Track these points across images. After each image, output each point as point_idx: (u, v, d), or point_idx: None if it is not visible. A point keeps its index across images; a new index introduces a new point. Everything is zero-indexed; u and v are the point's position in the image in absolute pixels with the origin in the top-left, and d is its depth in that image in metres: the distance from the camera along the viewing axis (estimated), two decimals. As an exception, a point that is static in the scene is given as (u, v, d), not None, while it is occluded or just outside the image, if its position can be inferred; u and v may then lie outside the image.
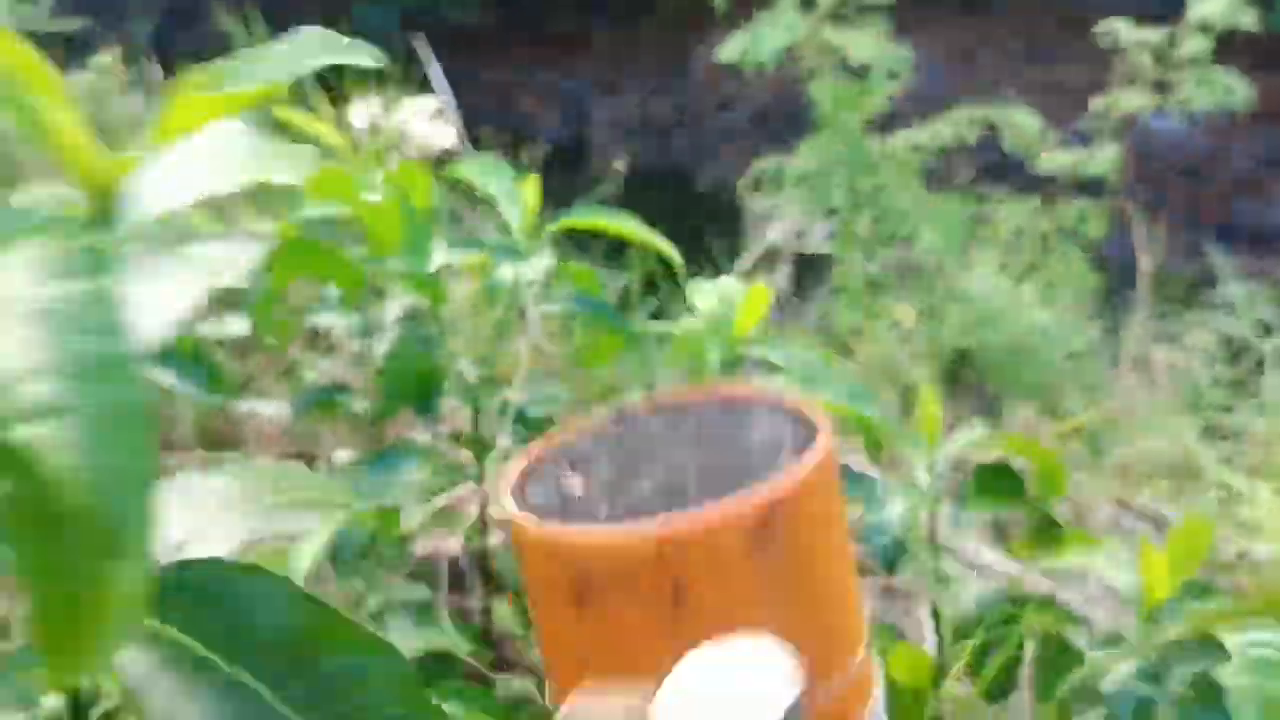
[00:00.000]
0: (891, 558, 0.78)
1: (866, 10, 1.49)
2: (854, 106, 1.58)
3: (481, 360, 0.95)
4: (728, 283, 1.12)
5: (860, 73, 1.57)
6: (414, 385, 0.82)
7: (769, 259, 2.30)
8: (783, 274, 2.36)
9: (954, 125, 1.57)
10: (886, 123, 1.69)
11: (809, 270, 2.51)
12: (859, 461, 1.37)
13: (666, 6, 5.63)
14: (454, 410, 1.01)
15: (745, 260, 2.16)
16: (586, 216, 0.80)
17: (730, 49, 1.55)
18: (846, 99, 1.57)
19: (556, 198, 0.87)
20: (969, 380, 1.97)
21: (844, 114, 1.59)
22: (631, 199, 0.58)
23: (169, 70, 2.79)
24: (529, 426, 1.10)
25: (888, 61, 1.47)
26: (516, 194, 1.01)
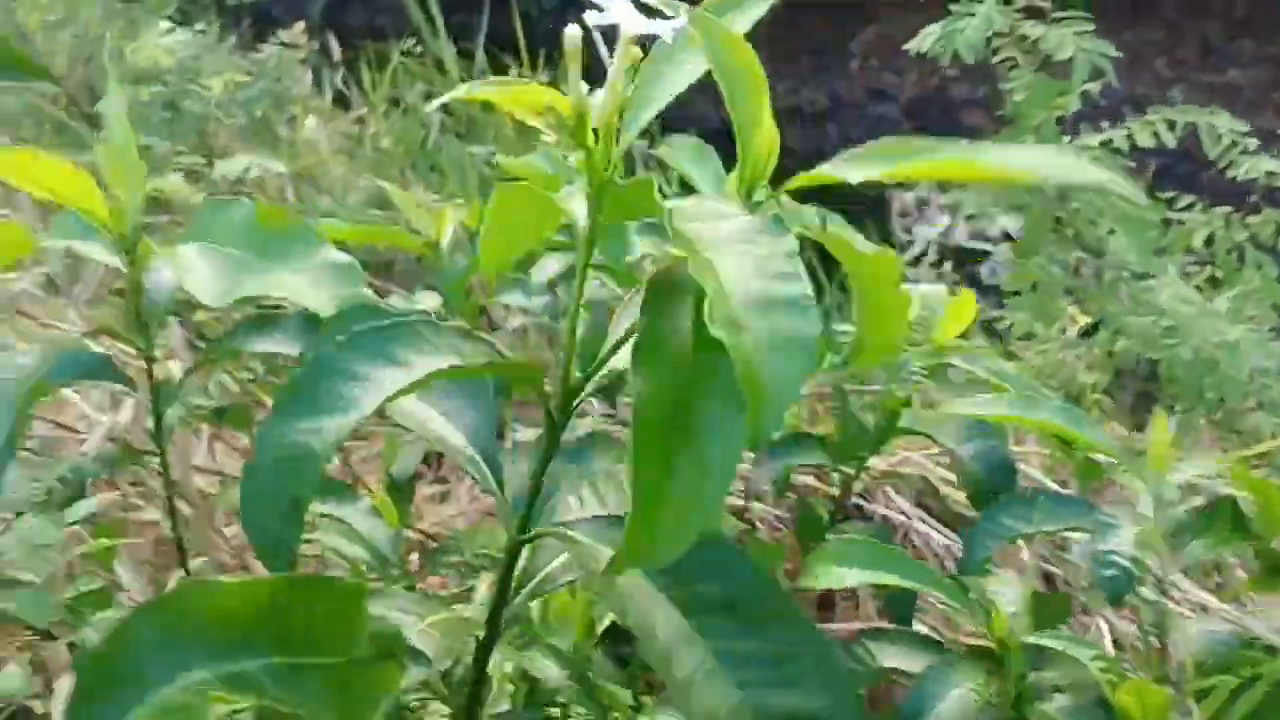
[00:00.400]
0: (1120, 590, 0.74)
1: (1067, 5, 1.43)
2: (1048, 103, 1.52)
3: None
4: (930, 289, 1.09)
5: (1054, 68, 1.51)
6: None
7: (930, 256, 2.24)
8: (945, 273, 2.30)
9: (1148, 126, 1.49)
10: (1069, 123, 1.63)
11: (967, 268, 2.44)
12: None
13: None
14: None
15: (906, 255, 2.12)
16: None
17: (924, 40, 1.51)
18: (1042, 95, 1.51)
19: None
20: (1147, 394, 1.89)
21: (1036, 110, 1.53)
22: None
23: (343, 44, 2.86)
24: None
25: (1090, 58, 1.40)
26: (721, 181, 1.00)
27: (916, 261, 2.22)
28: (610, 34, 0.46)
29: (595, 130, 0.47)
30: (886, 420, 0.95)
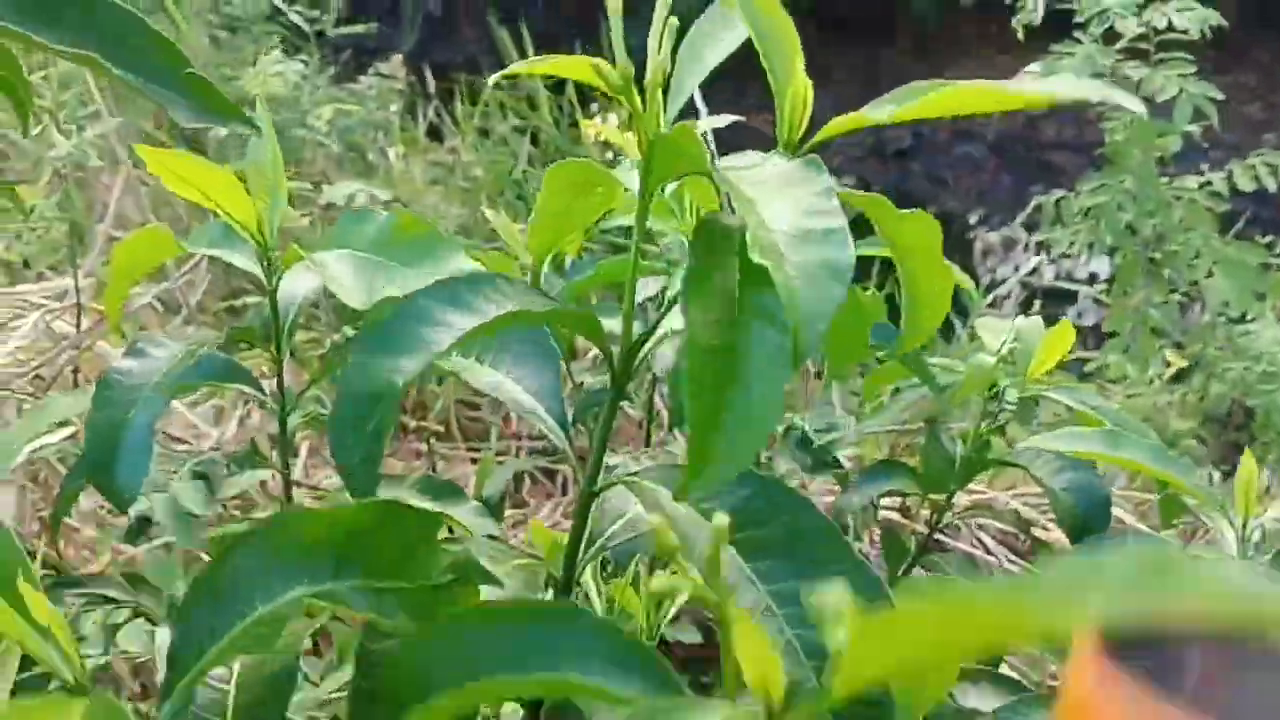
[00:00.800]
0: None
1: (1170, 46, 1.43)
2: (1147, 144, 1.51)
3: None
4: (1027, 321, 1.08)
5: (1155, 109, 1.50)
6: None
7: (1017, 297, 2.22)
8: (1032, 314, 2.26)
9: (1249, 170, 1.47)
10: (1169, 163, 1.61)
11: (1054, 310, 2.41)
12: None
13: (907, 36, 5.57)
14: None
15: (994, 292, 2.11)
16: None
17: (1022, 80, 1.51)
18: (1142, 136, 1.50)
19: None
20: (1238, 444, 1.85)
21: (1136, 150, 1.52)
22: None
23: (438, 77, 2.93)
24: (812, 454, 1.09)
25: (1193, 100, 1.39)
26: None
27: (1002, 302, 2.20)
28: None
29: (644, 90, 0.51)
30: (976, 451, 0.94)
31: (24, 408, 0.92)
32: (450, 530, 0.71)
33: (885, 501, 1.20)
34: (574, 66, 0.54)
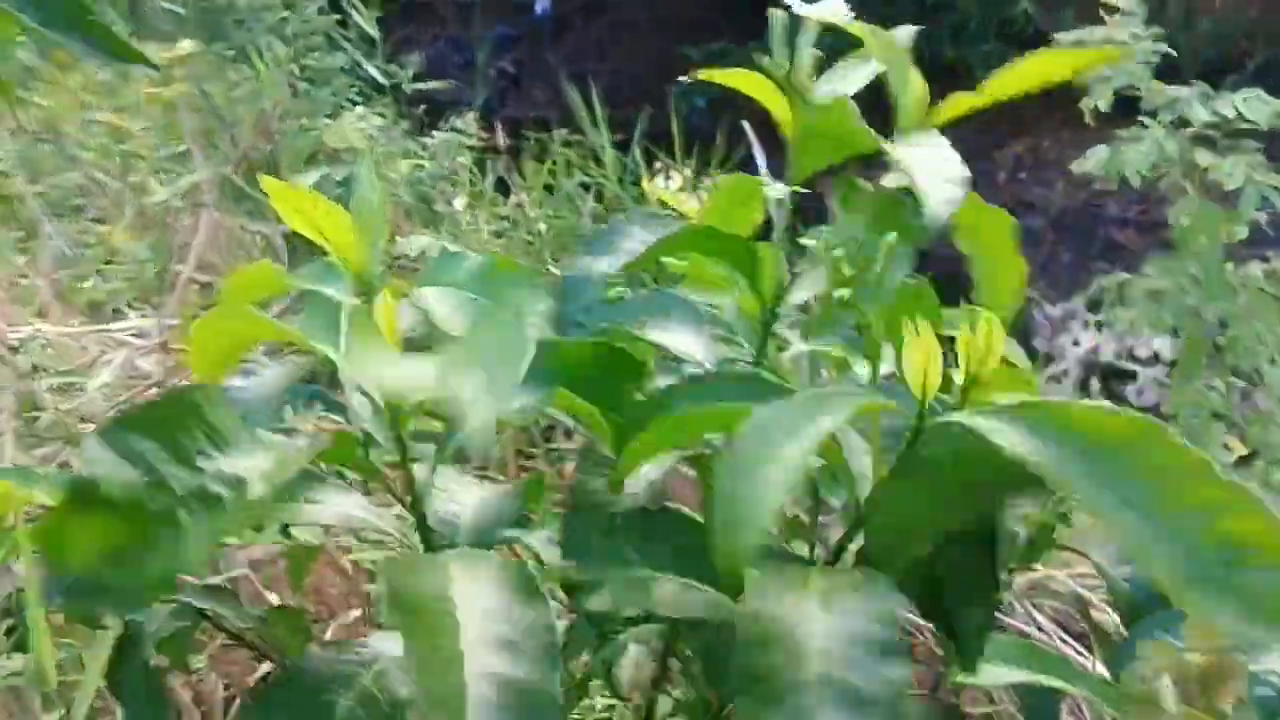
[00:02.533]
0: (1274, 710, 0.73)
1: (1239, 134, 1.43)
2: (1213, 229, 1.51)
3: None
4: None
5: (1220, 193, 1.51)
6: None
7: (1075, 373, 2.21)
8: (1092, 392, 2.26)
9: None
10: (1236, 249, 1.62)
11: (1114, 388, 2.40)
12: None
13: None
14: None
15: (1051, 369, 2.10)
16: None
17: (1090, 161, 1.52)
18: (1208, 222, 1.51)
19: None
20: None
21: (1202, 236, 1.53)
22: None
23: (508, 133, 2.99)
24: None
25: (1260, 189, 1.40)
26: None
27: (1061, 378, 2.19)
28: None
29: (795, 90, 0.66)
30: (1038, 533, 0.94)
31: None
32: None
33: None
34: (743, 77, 0.69)
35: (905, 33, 0.69)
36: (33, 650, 0.71)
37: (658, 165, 3.37)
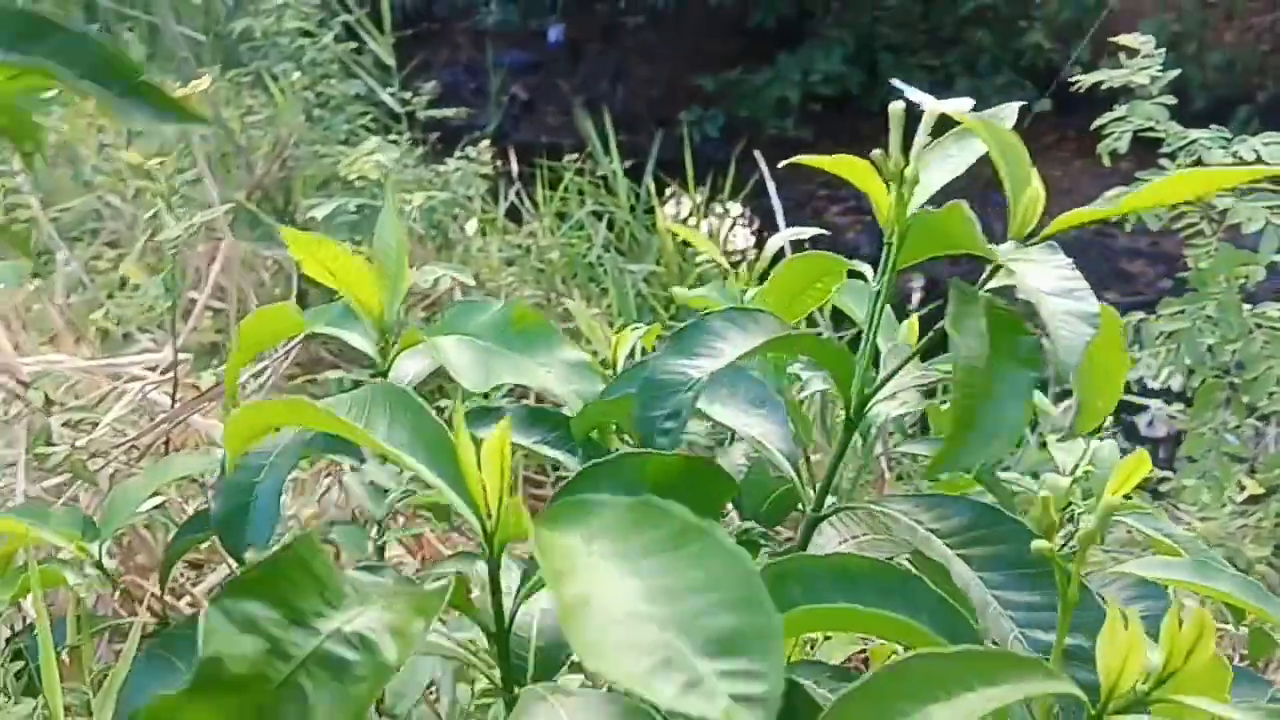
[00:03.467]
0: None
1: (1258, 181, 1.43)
2: (1231, 271, 1.51)
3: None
4: (1102, 445, 1.08)
5: (1241, 239, 1.50)
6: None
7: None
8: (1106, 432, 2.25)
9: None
10: (1257, 291, 1.61)
11: (1124, 417, 2.38)
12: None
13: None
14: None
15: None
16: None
17: (1101, 204, 1.52)
18: (1226, 263, 1.50)
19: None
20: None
21: (1220, 277, 1.52)
22: (930, 321, 0.73)
23: (521, 160, 3.00)
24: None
25: (1279, 231, 1.39)
26: (894, 326, 1.02)
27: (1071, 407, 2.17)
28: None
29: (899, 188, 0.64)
30: (1050, 576, 0.94)
31: (115, 478, 0.95)
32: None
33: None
34: (851, 166, 0.66)
35: (1011, 110, 0.68)
36: (42, 694, 0.71)
37: (670, 191, 3.38)
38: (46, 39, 0.50)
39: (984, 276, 0.64)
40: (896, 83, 0.66)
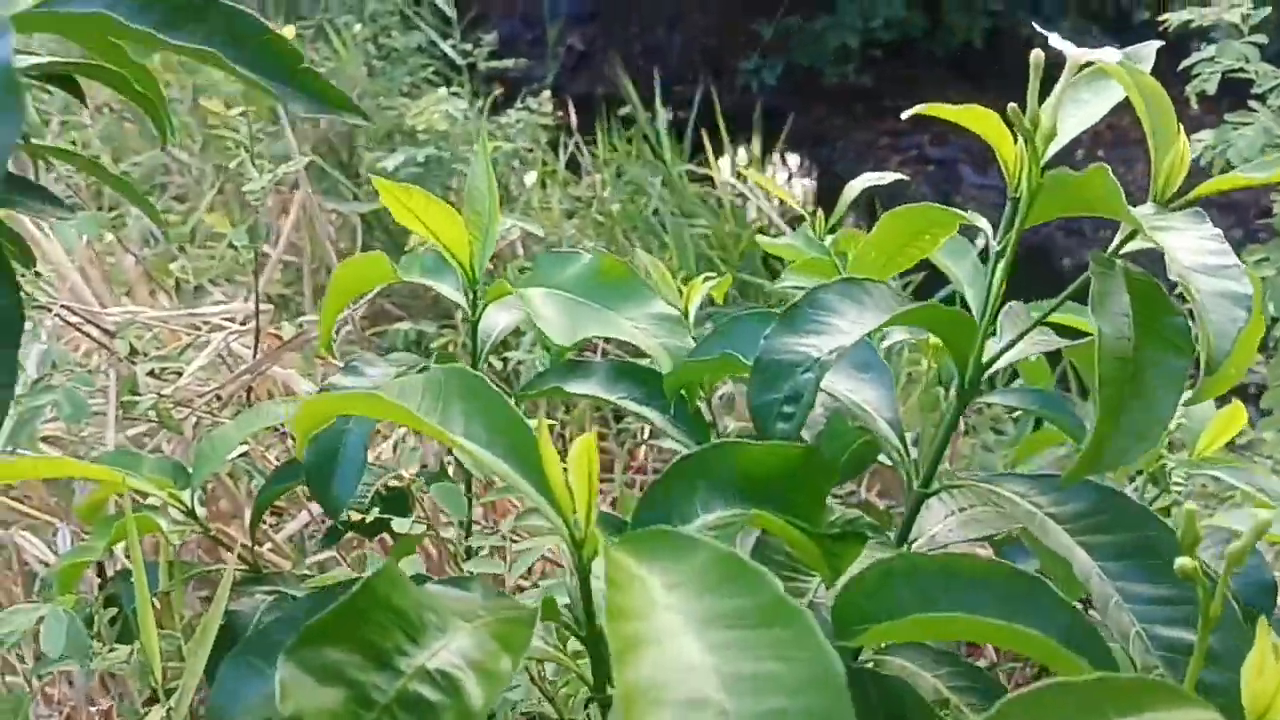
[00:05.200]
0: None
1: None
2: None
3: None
4: (1199, 405, 1.05)
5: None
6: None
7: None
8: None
9: None
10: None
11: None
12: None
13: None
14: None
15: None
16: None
17: (1192, 146, 1.47)
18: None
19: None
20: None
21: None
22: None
23: (579, 110, 2.98)
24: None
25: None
26: (980, 277, 0.99)
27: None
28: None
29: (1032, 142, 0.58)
30: (1142, 529, 0.92)
31: (199, 428, 0.96)
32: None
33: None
34: (980, 117, 0.62)
35: (1149, 50, 0.64)
36: (138, 640, 0.72)
37: (727, 142, 3.34)
38: (205, 18, 0.49)
39: (1118, 241, 0.60)
40: (1039, 28, 0.62)
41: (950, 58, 5.80)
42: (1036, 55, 0.58)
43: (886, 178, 1.13)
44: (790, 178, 5.01)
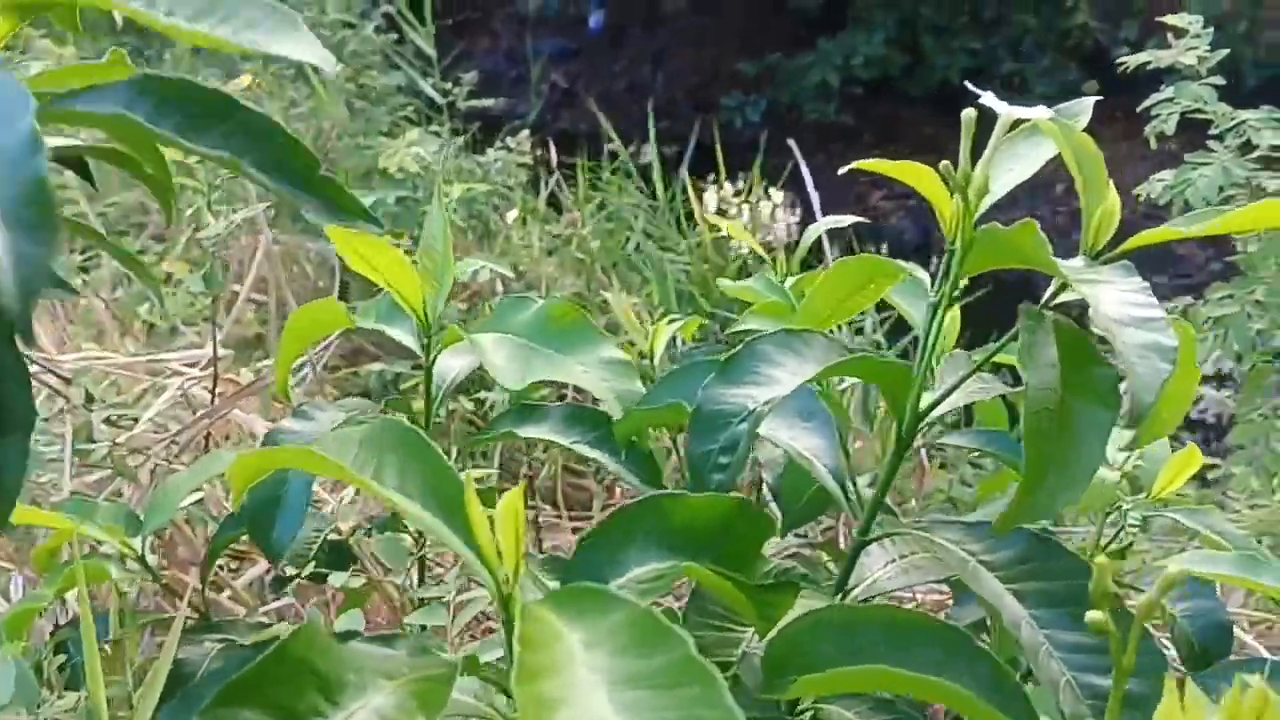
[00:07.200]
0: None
1: (1304, 155, 1.40)
2: (1281, 255, 1.49)
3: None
4: (1155, 443, 1.06)
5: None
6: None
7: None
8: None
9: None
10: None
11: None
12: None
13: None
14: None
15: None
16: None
17: (1153, 186, 1.49)
18: (1276, 247, 1.47)
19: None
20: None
21: (1269, 261, 1.49)
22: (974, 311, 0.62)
23: (560, 149, 3.00)
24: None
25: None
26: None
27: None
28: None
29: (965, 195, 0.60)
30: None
31: (156, 473, 0.96)
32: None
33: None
34: (916, 173, 0.64)
35: (1085, 106, 0.65)
36: (85, 687, 0.72)
37: (711, 179, 3.36)
38: (226, 118, 0.49)
39: (1050, 293, 0.61)
40: (971, 86, 0.63)
41: (928, 95, 5.85)
42: (968, 114, 0.59)
43: (845, 220, 1.14)
44: (775, 210, 5.03)
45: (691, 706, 0.35)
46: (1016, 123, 0.60)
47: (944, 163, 0.59)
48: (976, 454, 1.81)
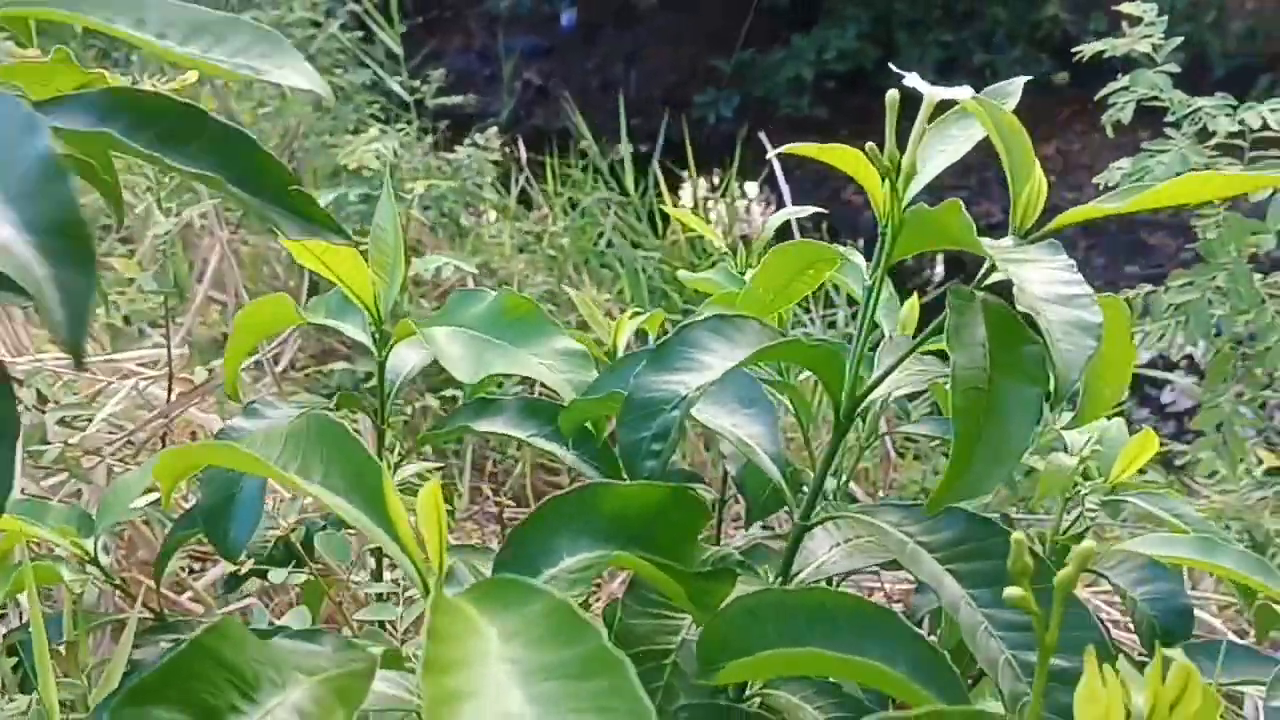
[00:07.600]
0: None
1: (1265, 144, 1.39)
2: (1240, 241, 1.48)
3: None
4: (1110, 425, 1.07)
5: (1249, 208, 1.48)
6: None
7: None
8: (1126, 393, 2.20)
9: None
10: (1267, 261, 1.59)
11: (1147, 391, 2.35)
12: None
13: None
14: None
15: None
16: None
17: (1112, 174, 1.49)
18: (1235, 233, 1.47)
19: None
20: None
21: (1229, 248, 1.50)
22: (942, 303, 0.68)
23: (530, 146, 2.99)
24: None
25: (1288, 199, 1.38)
26: (897, 308, 1.00)
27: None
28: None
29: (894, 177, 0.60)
30: (1056, 556, 0.92)
31: (114, 473, 0.95)
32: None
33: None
34: (844, 155, 0.64)
35: (1016, 86, 0.65)
36: (37, 690, 0.71)
37: (684, 174, 3.35)
38: (197, 135, 0.49)
39: (980, 273, 0.61)
40: (895, 68, 0.64)
41: (902, 88, 5.88)
42: (891, 96, 0.59)
43: (804, 211, 1.15)
44: (750, 204, 5.05)
45: (602, 698, 0.35)
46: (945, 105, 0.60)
47: (870, 145, 0.59)
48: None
